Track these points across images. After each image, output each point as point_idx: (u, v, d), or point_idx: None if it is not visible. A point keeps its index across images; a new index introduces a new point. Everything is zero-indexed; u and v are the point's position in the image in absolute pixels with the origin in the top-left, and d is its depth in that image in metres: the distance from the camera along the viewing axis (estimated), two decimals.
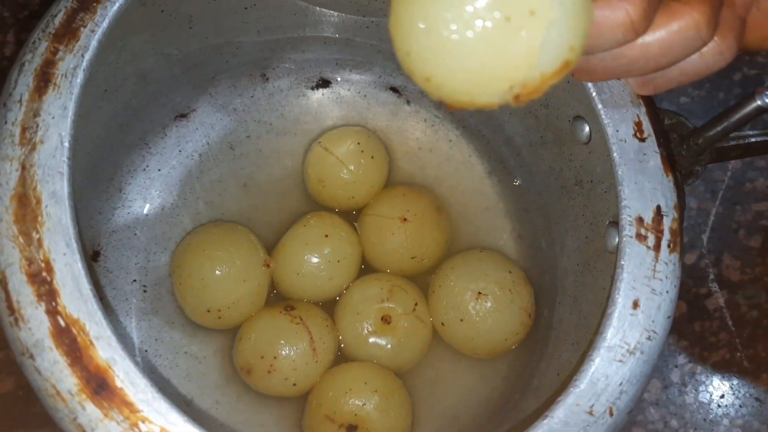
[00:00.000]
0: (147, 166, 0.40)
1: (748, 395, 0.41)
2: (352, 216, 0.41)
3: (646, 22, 0.21)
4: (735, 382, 0.41)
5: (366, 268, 0.41)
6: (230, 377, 0.39)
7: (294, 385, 0.37)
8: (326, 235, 0.38)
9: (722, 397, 0.41)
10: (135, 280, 0.39)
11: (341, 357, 0.39)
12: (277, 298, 0.40)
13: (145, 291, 0.39)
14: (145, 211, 0.40)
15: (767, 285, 0.43)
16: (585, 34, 0.19)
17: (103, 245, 0.39)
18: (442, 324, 0.38)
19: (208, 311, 0.37)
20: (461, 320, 0.37)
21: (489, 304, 0.37)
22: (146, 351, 0.38)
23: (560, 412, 0.24)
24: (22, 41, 0.43)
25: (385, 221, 0.39)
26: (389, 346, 0.38)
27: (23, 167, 0.23)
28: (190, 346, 0.39)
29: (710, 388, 0.41)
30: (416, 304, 0.39)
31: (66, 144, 0.23)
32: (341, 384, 0.36)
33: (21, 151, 0.23)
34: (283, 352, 0.36)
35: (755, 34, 0.23)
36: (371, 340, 0.38)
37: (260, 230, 0.41)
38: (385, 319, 0.38)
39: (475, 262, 0.39)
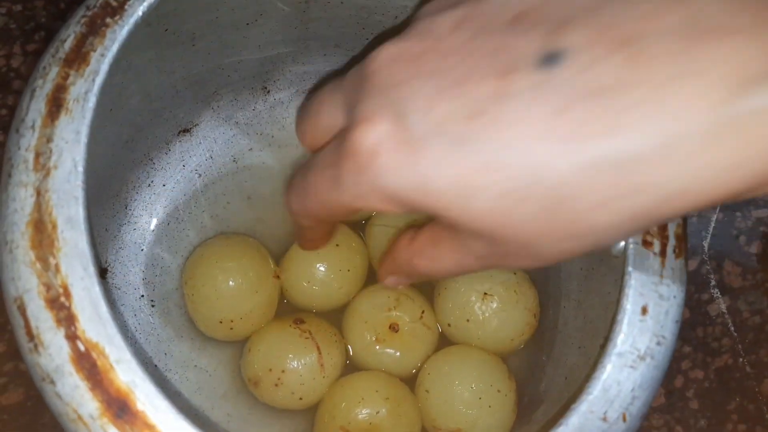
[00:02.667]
0: (152, 181, 0.41)
1: (750, 400, 0.42)
2: (357, 227, 0.42)
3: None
4: (738, 387, 0.42)
5: (372, 278, 0.41)
6: (240, 389, 0.39)
7: (300, 399, 0.37)
8: (337, 245, 0.39)
9: (725, 402, 0.42)
10: (143, 296, 0.39)
11: (349, 365, 0.39)
12: (286, 308, 0.40)
13: (153, 306, 0.39)
14: (150, 227, 0.40)
15: None
16: None
17: (111, 262, 0.39)
18: (449, 325, 0.39)
19: (221, 322, 0.37)
20: (467, 321, 0.38)
21: (495, 305, 0.38)
22: (156, 366, 0.38)
23: (574, 419, 0.25)
24: (29, 53, 0.43)
25: (392, 231, 0.40)
26: (398, 353, 0.38)
27: (38, 193, 0.23)
28: (199, 359, 0.39)
29: (713, 394, 0.42)
30: (423, 312, 0.39)
31: (80, 169, 0.24)
32: (353, 395, 0.36)
33: (35, 177, 0.23)
34: (291, 366, 0.37)
35: None
36: (379, 348, 0.38)
37: (265, 242, 0.41)
38: (393, 327, 0.38)
39: None
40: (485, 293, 0.38)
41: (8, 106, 0.43)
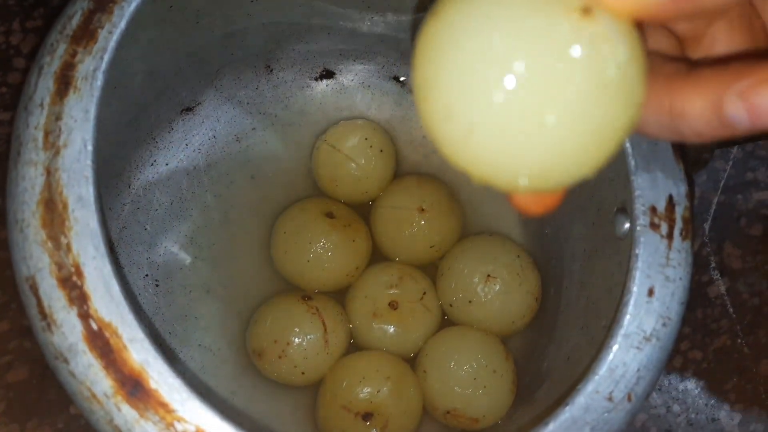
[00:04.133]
0: (155, 160, 0.40)
1: (748, 381, 0.42)
2: (364, 209, 0.42)
3: None
4: (736, 367, 0.43)
5: (376, 258, 0.41)
6: (245, 368, 0.39)
7: (303, 373, 0.37)
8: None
9: (723, 382, 0.42)
10: (147, 275, 0.39)
11: (353, 346, 0.40)
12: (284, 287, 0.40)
13: (157, 285, 0.39)
14: (154, 206, 0.40)
15: None
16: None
17: (115, 241, 0.39)
18: (450, 305, 0.39)
19: None
20: (470, 302, 0.38)
21: (497, 287, 0.38)
22: (161, 345, 0.38)
23: (580, 399, 0.25)
24: (28, 30, 0.42)
25: (403, 213, 0.40)
26: (392, 330, 0.38)
27: (48, 172, 0.23)
28: (203, 338, 0.39)
29: (712, 374, 0.42)
30: (424, 293, 0.39)
31: (89, 147, 0.23)
32: (354, 374, 0.37)
33: (45, 156, 0.23)
34: (296, 340, 0.37)
35: None
36: (375, 323, 0.38)
37: (269, 221, 0.41)
38: (392, 305, 0.39)
39: (485, 245, 0.40)
40: (488, 275, 0.38)
41: (8, 84, 0.42)
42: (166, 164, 0.41)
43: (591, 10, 0.15)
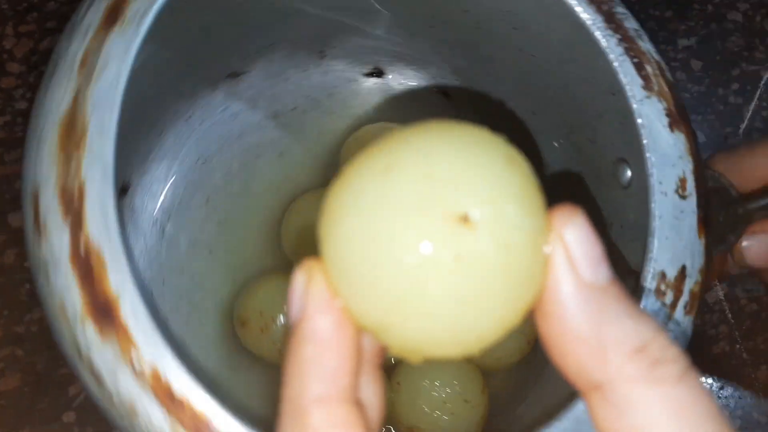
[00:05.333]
0: (190, 116, 0.41)
1: (747, 387, 0.42)
2: None
3: None
4: (734, 373, 0.42)
5: None
6: (226, 334, 0.40)
7: (279, 351, 0.37)
8: None
9: (722, 388, 0.41)
10: (156, 221, 0.40)
11: None
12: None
13: (162, 233, 0.40)
14: (179, 159, 0.41)
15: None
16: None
17: (133, 182, 0.39)
18: None
19: None
20: None
21: None
22: (152, 291, 0.39)
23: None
24: (21, 34, 0.43)
25: None
26: None
27: (77, 95, 0.24)
28: (192, 295, 0.40)
29: (710, 380, 0.41)
30: None
31: (122, 81, 0.24)
32: None
33: (77, 81, 0.24)
34: (282, 318, 0.37)
35: None
36: None
37: (287, 201, 0.42)
38: None
39: None
40: None
41: (1, 88, 0.43)
42: (201, 123, 0.41)
43: (468, 220, 0.16)
